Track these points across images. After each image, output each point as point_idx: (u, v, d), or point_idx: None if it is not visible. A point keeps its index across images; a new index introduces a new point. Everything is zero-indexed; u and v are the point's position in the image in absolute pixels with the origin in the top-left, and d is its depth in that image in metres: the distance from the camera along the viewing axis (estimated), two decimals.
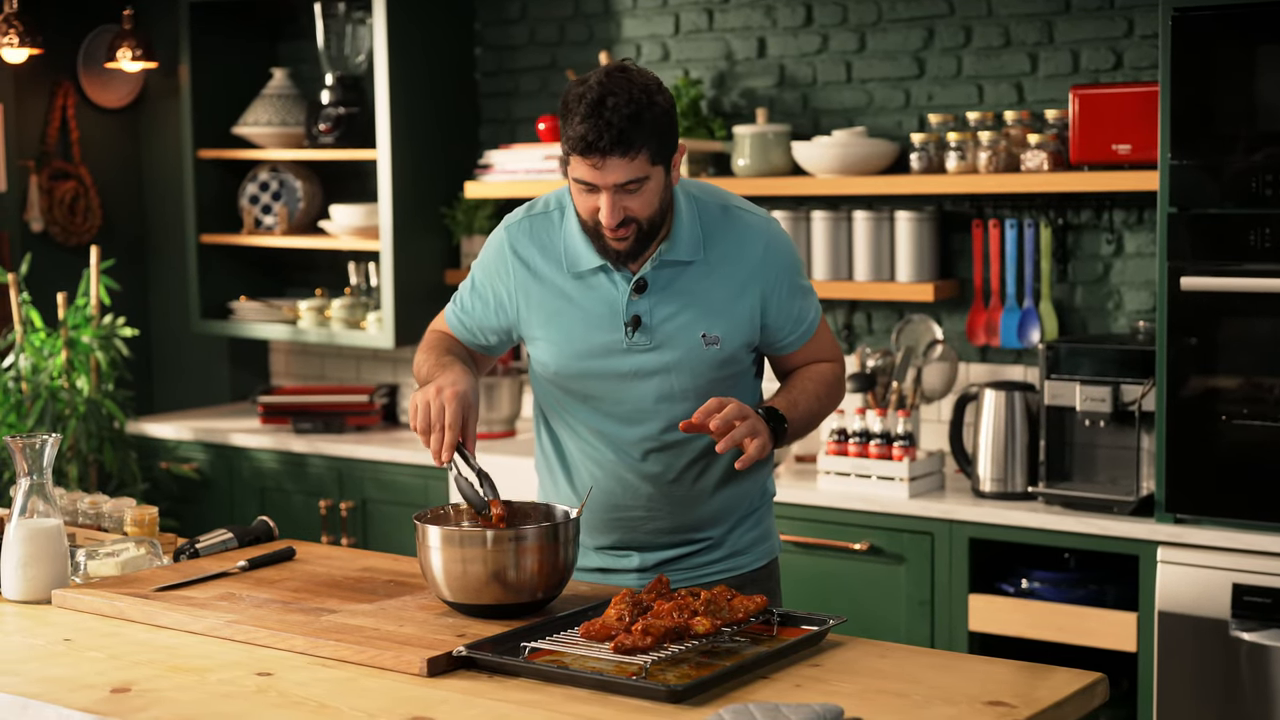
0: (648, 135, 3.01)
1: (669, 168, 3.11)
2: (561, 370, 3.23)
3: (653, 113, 3.02)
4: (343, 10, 6.06)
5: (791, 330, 3.29)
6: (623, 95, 2.99)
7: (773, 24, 5.49)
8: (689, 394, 3.20)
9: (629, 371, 3.20)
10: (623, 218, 3.06)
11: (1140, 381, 4.52)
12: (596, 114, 2.98)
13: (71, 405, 5.89)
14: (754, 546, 3.40)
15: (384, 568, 3.32)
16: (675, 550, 3.32)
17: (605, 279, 3.19)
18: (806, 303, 3.31)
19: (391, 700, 2.55)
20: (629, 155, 3.00)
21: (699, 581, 3.28)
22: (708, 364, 3.20)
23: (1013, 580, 4.66)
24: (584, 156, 3.02)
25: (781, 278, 3.25)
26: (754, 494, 3.38)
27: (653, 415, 3.22)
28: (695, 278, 3.19)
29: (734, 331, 3.21)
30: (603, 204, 3.05)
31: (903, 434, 4.80)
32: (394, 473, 5.64)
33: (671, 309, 3.18)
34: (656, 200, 3.09)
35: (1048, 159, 4.83)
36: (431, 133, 5.98)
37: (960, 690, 2.58)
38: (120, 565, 3.30)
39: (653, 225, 3.11)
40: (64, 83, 6.45)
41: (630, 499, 3.27)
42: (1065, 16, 5.01)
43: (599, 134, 2.98)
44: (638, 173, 3.03)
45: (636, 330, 3.17)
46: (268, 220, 6.35)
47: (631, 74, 3.05)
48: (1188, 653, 4.26)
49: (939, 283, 5.10)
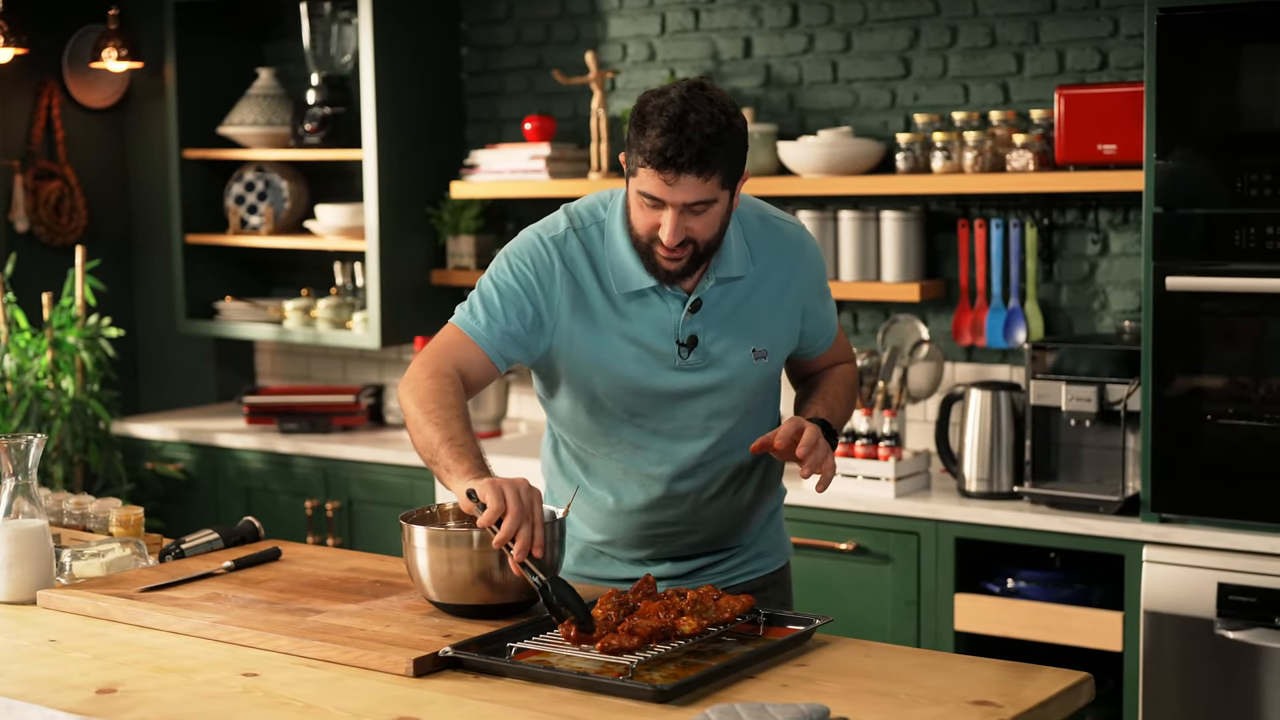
0: (724, 158, 2.93)
1: (734, 192, 3.04)
2: (610, 389, 3.12)
3: (732, 135, 2.94)
4: (328, 10, 6.05)
5: (821, 335, 3.30)
6: (705, 113, 2.91)
7: (759, 24, 5.49)
8: (738, 409, 3.18)
9: (681, 391, 3.13)
10: (683, 238, 2.98)
11: (1126, 381, 4.53)
12: (678, 129, 2.89)
13: (57, 406, 5.88)
14: (776, 548, 3.40)
15: (370, 568, 3.31)
16: (706, 559, 3.30)
17: (657, 298, 3.10)
18: (831, 306, 3.32)
19: (377, 700, 2.55)
20: (704, 175, 2.92)
21: (728, 586, 3.25)
22: (757, 379, 3.18)
23: (998, 580, 4.66)
24: (659, 171, 2.91)
25: (815, 286, 3.25)
26: (775, 492, 3.39)
27: (702, 432, 3.17)
28: (743, 293, 3.15)
29: (779, 344, 3.20)
30: (665, 221, 2.96)
31: (889, 434, 4.80)
32: (380, 473, 5.64)
33: (724, 328, 3.13)
34: (719, 224, 3.02)
35: (1033, 159, 4.83)
36: (417, 133, 5.98)
37: (946, 690, 2.58)
38: (105, 566, 3.29)
39: (709, 249, 3.03)
40: (49, 82, 6.43)
41: (670, 515, 3.22)
42: (1051, 16, 5.01)
43: (679, 150, 2.89)
44: (708, 194, 2.95)
45: (691, 350, 3.11)
46: (253, 220, 6.34)
47: (711, 92, 2.96)
48: (1173, 652, 4.27)
49: (925, 283, 5.10)
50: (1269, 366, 4.25)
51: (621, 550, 3.29)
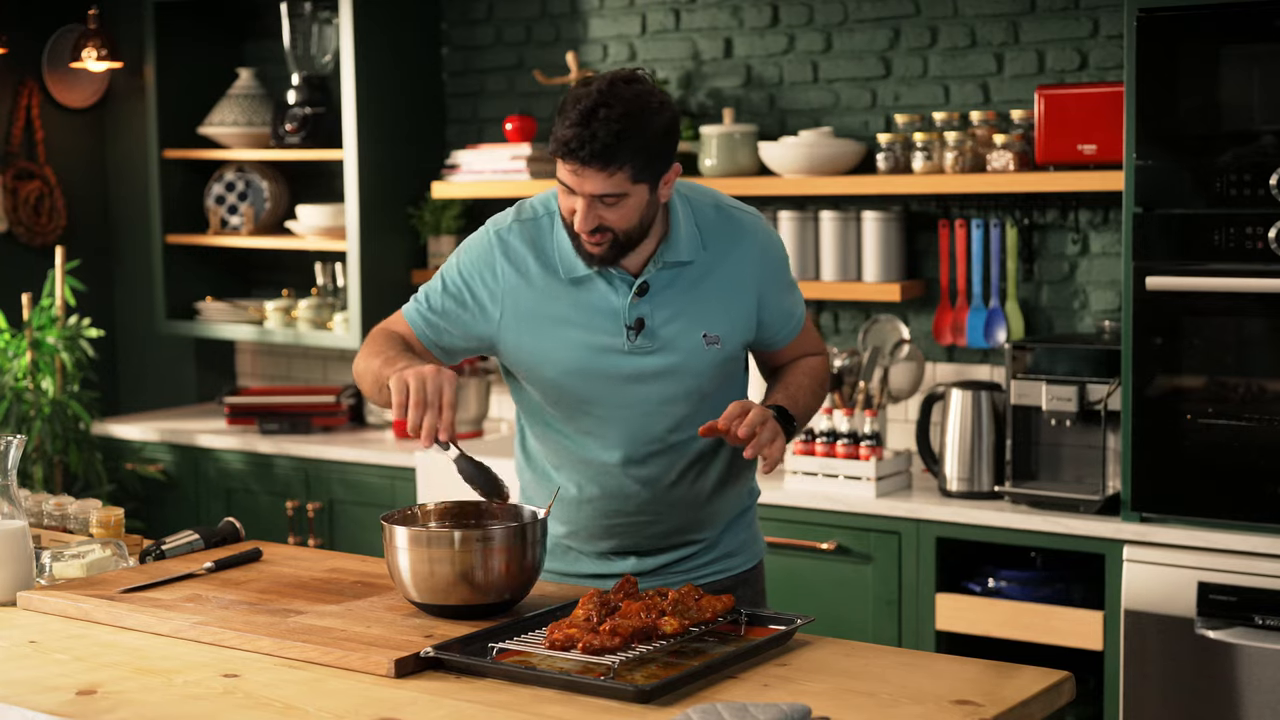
0: (631, 154, 2.96)
1: (655, 186, 3.05)
2: (561, 376, 3.16)
3: (643, 132, 2.97)
4: (309, 10, 6.04)
5: (783, 326, 3.30)
6: (617, 109, 2.94)
7: (739, 24, 5.49)
8: (691, 395, 3.19)
9: (631, 374, 3.16)
10: (597, 225, 3.03)
11: (1106, 381, 4.54)
12: (585, 123, 2.94)
13: (36, 406, 5.87)
14: (746, 547, 3.40)
15: (351, 569, 3.31)
16: (672, 554, 3.30)
17: (604, 283, 3.14)
18: (795, 298, 3.33)
19: (359, 701, 2.54)
20: (608, 170, 2.96)
21: (695, 584, 3.24)
22: (709, 364, 3.19)
23: (979, 579, 4.67)
24: (565, 161, 2.99)
25: (775, 275, 3.26)
26: (744, 494, 3.39)
27: (656, 418, 3.19)
28: (694, 278, 3.18)
29: (734, 331, 3.21)
30: (578, 209, 3.03)
31: (870, 434, 4.81)
32: (361, 473, 5.63)
33: (673, 311, 3.16)
34: (636, 216, 3.05)
35: (1013, 159, 4.84)
36: (398, 133, 5.97)
37: (928, 689, 2.58)
38: (86, 567, 3.29)
39: (629, 238, 3.07)
40: (28, 82, 6.42)
41: (629, 504, 3.24)
42: (1030, 17, 5.02)
43: (581, 143, 2.94)
44: (615, 188, 2.99)
45: (639, 333, 3.14)
46: (234, 220, 6.34)
47: (636, 87, 2.99)
48: (1153, 651, 4.28)
49: (905, 283, 5.11)
50: (1248, 366, 4.26)
51: (585, 543, 3.30)
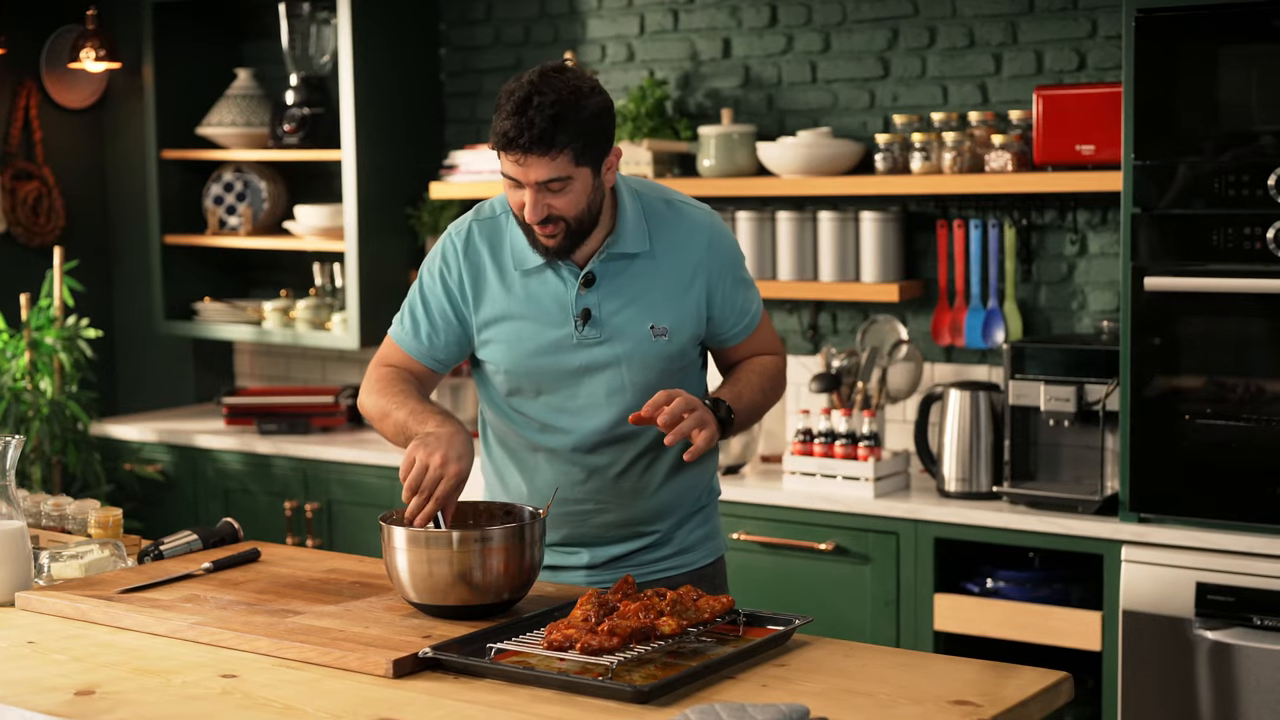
0: (571, 136, 3.03)
1: (598, 170, 3.12)
2: (514, 367, 3.24)
3: (579, 115, 3.04)
4: (307, 10, 6.04)
5: (735, 323, 3.33)
6: (549, 95, 3.02)
7: (738, 24, 5.49)
8: (639, 386, 3.23)
9: (580, 366, 3.22)
10: (546, 214, 3.09)
11: (1104, 381, 4.54)
12: (521, 112, 3.02)
13: (35, 407, 5.87)
14: (702, 544, 3.42)
15: (349, 569, 3.31)
16: (624, 545, 3.34)
17: (553, 275, 3.21)
18: (749, 295, 3.36)
19: (357, 701, 2.54)
20: (549, 154, 3.03)
21: (648, 579, 3.31)
22: (657, 356, 3.23)
23: (978, 580, 4.67)
24: (507, 153, 3.06)
25: (726, 270, 3.29)
26: (700, 491, 3.41)
27: (604, 408, 3.24)
28: (642, 270, 3.23)
29: (682, 323, 3.24)
30: (526, 200, 3.09)
31: (868, 434, 4.81)
32: (359, 474, 5.63)
33: (620, 302, 3.21)
34: (584, 200, 3.11)
35: (1012, 159, 4.84)
36: (396, 133, 5.97)
37: (926, 690, 2.58)
38: (84, 567, 3.29)
39: (580, 224, 3.13)
40: (27, 82, 6.42)
41: (579, 492, 3.29)
42: (1029, 17, 5.02)
43: (520, 131, 3.01)
44: (560, 172, 3.05)
45: (587, 324, 3.20)
46: (232, 221, 6.33)
47: (567, 75, 3.07)
48: (1152, 651, 4.28)
49: (904, 283, 5.10)
50: (1247, 366, 4.26)
51: None
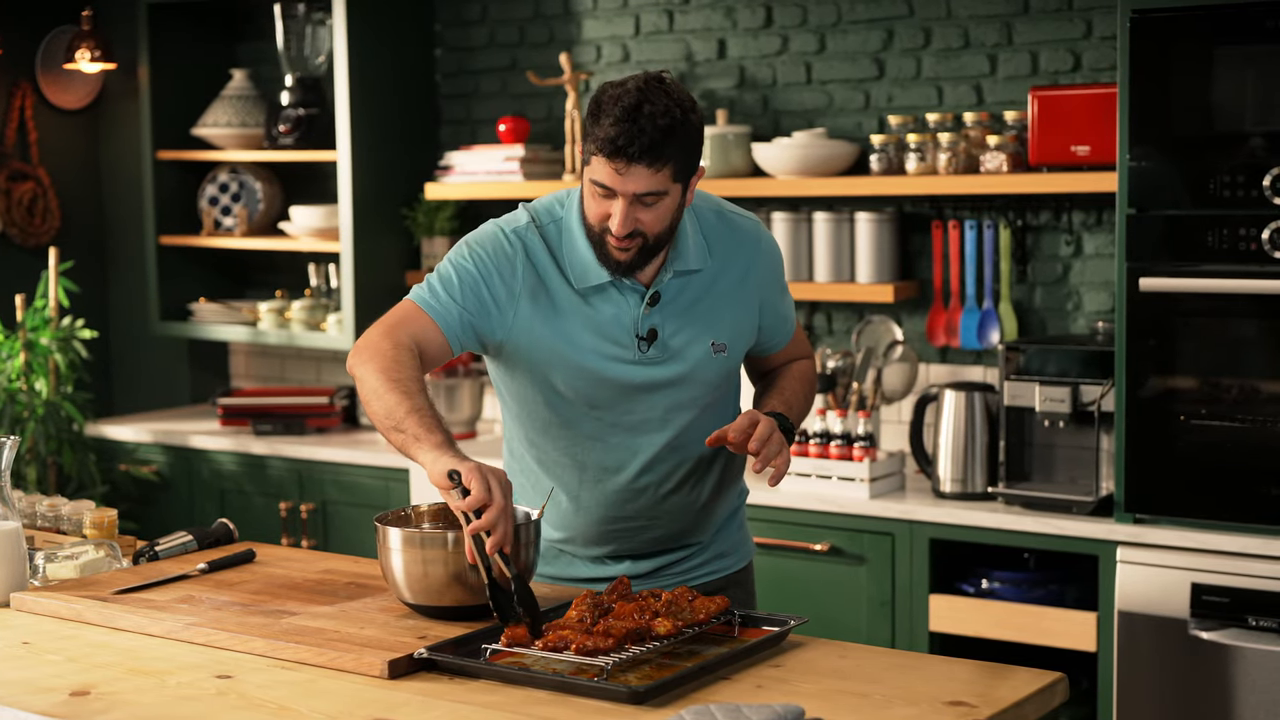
0: (677, 150, 2.96)
1: (687, 187, 3.06)
2: (569, 383, 3.13)
3: (686, 129, 2.97)
4: (302, 11, 6.04)
5: (780, 330, 3.31)
6: (660, 105, 2.94)
7: (733, 25, 5.49)
8: (697, 402, 3.19)
9: (640, 384, 3.14)
10: (632, 229, 3.01)
11: (1099, 382, 4.54)
12: (631, 119, 2.92)
13: (30, 407, 5.86)
14: (736, 549, 3.39)
15: (344, 570, 3.31)
16: (666, 557, 3.30)
17: (615, 292, 3.12)
18: (789, 301, 3.34)
19: (352, 702, 2.54)
20: (655, 166, 2.95)
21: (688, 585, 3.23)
22: (716, 373, 3.19)
23: (973, 580, 4.67)
24: (610, 159, 2.94)
25: (774, 279, 3.27)
26: (735, 495, 3.38)
27: (661, 426, 3.18)
28: (702, 287, 3.17)
29: (739, 337, 3.22)
30: (615, 211, 2.99)
31: (863, 435, 4.81)
32: (354, 474, 5.63)
33: (683, 321, 3.15)
34: (669, 218, 3.04)
35: (1007, 160, 4.84)
36: (392, 134, 5.97)
37: (921, 690, 2.58)
38: (79, 568, 3.29)
39: (659, 242, 3.06)
40: (22, 83, 6.42)
41: (627, 510, 3.22)
42: (1024, 18, 5.02)
43: (630, 139, 2.92)
44: (659, 186, 2.97)
45: (651, 344, 3.13)
46: (227, 222, 6.33)
47: (669, 86, 2.99)
48: (1147, 652, 4.28)
49: (899, 284, 5.11)
50: (1242, 367, 4.27)
51: (581, 548, 3.28)
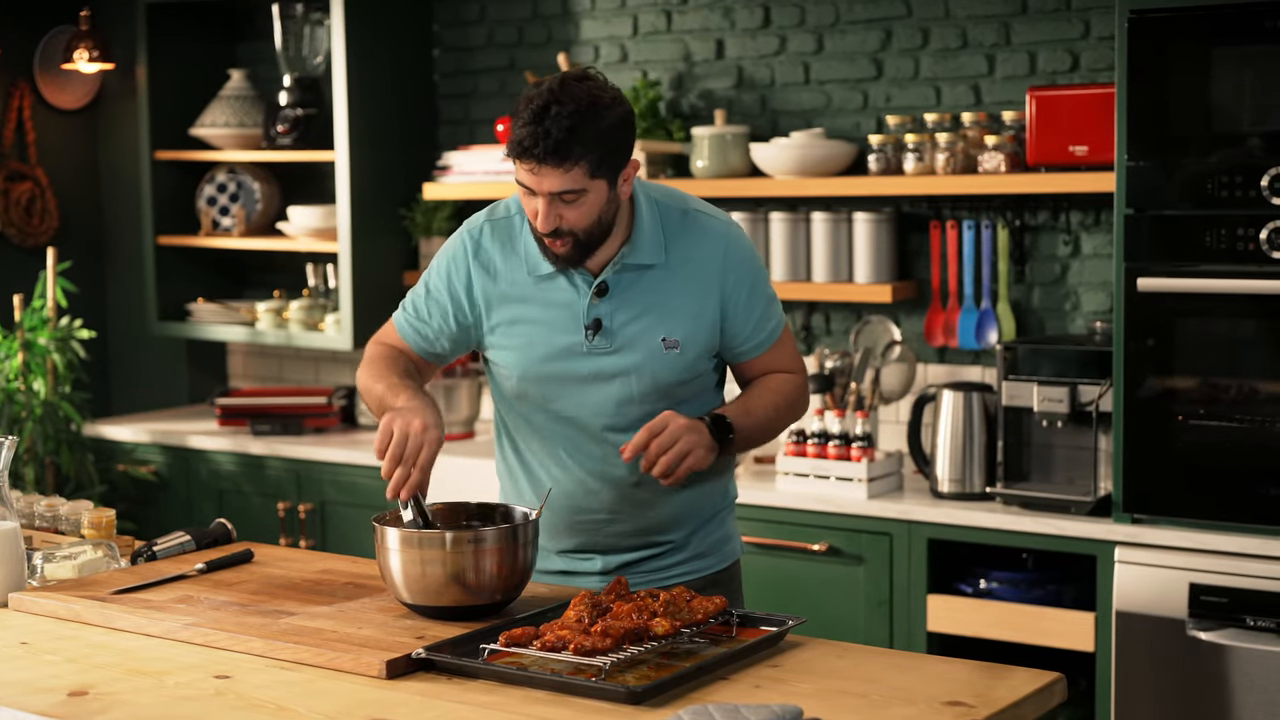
0: (587, 149, 2.98)
1: (614, 182, 3.07)
2: (524, 373, 3.21)
3: (597, 126, 2.99)
4: (301, 12, 6.04)
5: (751, 336, 3.27)
6: (568, 105, 2.96)
7: (731, 25, 5.49)
8: (649, 397, 3.20)
9: (589, 374, 3.18)
10: (556, 226, 3.04)
11: (1097, 382, 4.54)
12: (538, 120, 2.97)
13: (28, 407, 5.86)
14: (717, 549, 3.39)
15: (342, 570, 3.31)
16: (637, 553, 3.31)
17: (566, 282, 3.17)
18: (768, 310, 3.28)
19: (350, 702, 2.54)
20: (563, 167, 2.98)
21: (662, 584, 3.27)
22: (668, 368, 3.19)
23: (971, 580, 4.67)
24: (521, 161, 3.01)
25: (741, 281, 3.23)
26: (715, 496, 3.38)
27: (614, 418, 3.21)
28: (656, 281, 3.19)
29: (694, 336, 3.20)
30: (539, 209, 3.04)
31: (861, 435, 4.81)
32: (353, 474, 5.63)
33: (632, 313, 3.17)
34: (595, 213, 3.06)
35: (1005, 160, 4.84)
36: (390, 134, 5.97)
37: (919, 690, 2.58)
38: (77, 568, 3.29)
39: (590, 237, 3.09)
40: (20, 83, 6.41)
41: (592, 501, 3.26)
42: (1022, 18, 5.02)
43: (535, 141, 2.97)
44: (573, 184, 3.00)
45: (597, 334, 3.16)
46: (225, 222, 6.33)
47: (590, 84, 3.02)
48: (1145, 652, 4.28)
49: (897, 284, 5.11)
50: (1240, 367, 4.27)
51: (550, 539, 3.32)
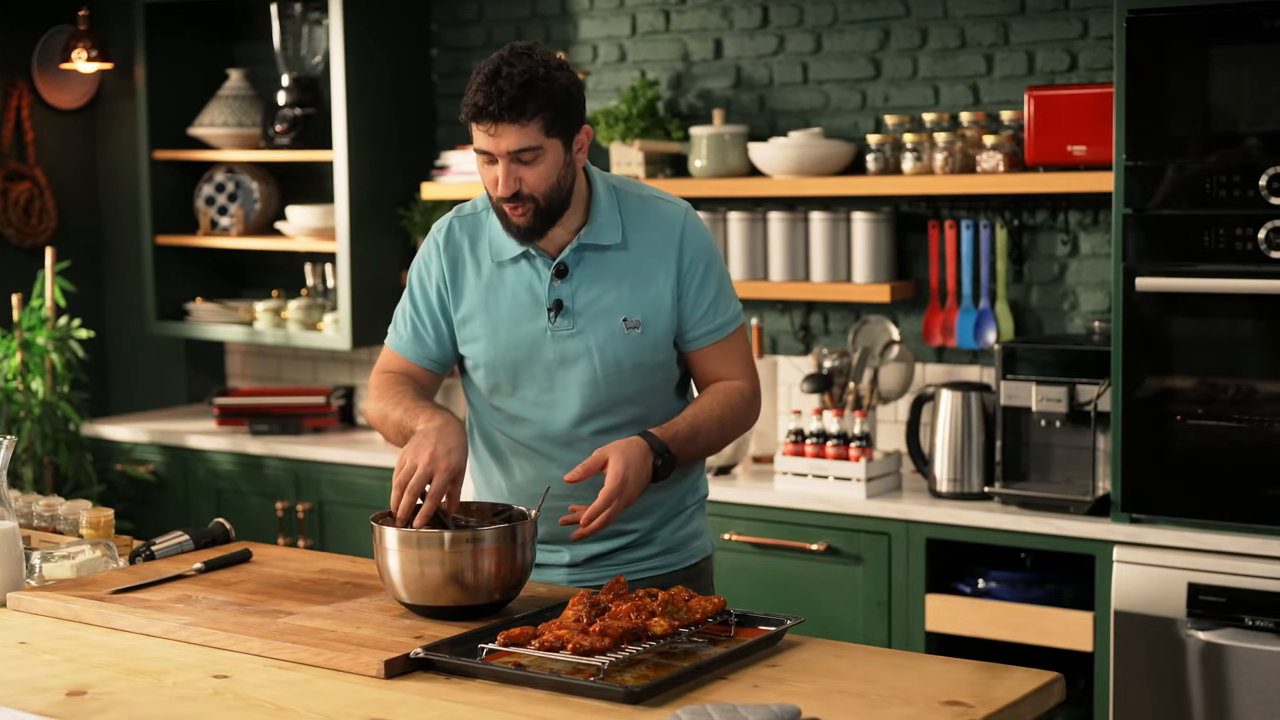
0: (541, 104, 3.06)
1: (569, 145, 3.14)
2: (492, 360, 3.26)
3: (549, 85, 3.07)
4: (299, 11, 6.04)
5: (702, 322, 3.27)
6: (519, 66, 3.07)
7: (729, 25, 5.49)
8: (613, 381, 3.23)
9: (554, 358, 3.23)
10: (517, 189, 3.10)
11: (1095, 382, 4.54)
12: (491, 82, 3.06)
13: (26, 407, 5.86)
14: (685, 545, 3.40)
15: (341, 569, 3.31)
16: (604, 544, 3.32)
17: (528, 265, 3.23)
18: (722, 300, 3.30)
19: (348, 702, 2.54)
20: (520, 122, 3.06)
21: (631, 579, 3.29)
22: (630, 349, 3.22)
23: (969, 580, 4.67)
24: (479, 123, 3.09)
25: (696, 261, 3.26)
26: (684, 491, 3.39)
27: (575, 400, 3.24)
28: (615, 262, 3.23)
29: (654, 316, 3.23)
30: (499, 173, 3.10)
31: (859, 434, 4.81)
32: (351, 474, 5.63)
33: (593, 293, 3.22)
34: (554, 176, 3.12)
35: (1003, 160, 4.84)
36: (388, 134, 5.97)
37: (918, 690, 2.58)
38: (76, 568, 3.29)
39: (550, 203, 3.14)
40: (18, 83, 6.41)
41: (558, 489, 3.26)
42: (1020, 18, 5.02)
43: (490, 99, 3.05)
44: (531, 141, 3.07)
45: (559, 315, 3.21)
46: (224, 221, 6.33)
47: (535, 51, 3.12)
48: (1143, 652, 4.28)
49: (895, 283, 5.11)
50: (1238, 367, 4.27)
51: None
